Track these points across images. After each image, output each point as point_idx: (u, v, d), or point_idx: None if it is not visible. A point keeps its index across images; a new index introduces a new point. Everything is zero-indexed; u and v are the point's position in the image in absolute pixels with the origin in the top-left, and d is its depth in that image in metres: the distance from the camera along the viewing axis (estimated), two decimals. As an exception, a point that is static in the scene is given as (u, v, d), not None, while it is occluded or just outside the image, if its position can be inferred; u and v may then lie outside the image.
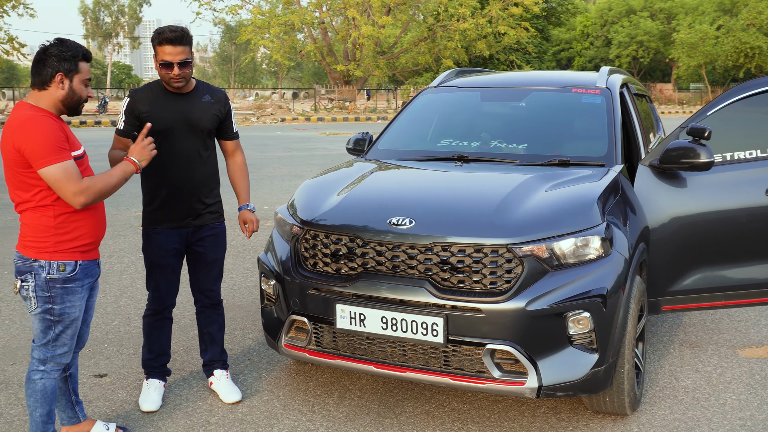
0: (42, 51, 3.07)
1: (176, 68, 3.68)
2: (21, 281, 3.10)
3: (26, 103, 3.08)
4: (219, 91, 3.95)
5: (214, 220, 3.96)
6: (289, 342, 3.78)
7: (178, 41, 3.65)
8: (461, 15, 39.96)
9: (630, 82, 5.34)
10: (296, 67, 77.18)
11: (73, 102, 3.14)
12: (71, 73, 3.10)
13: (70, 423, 3.51)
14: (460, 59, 42.92)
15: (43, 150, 2.93)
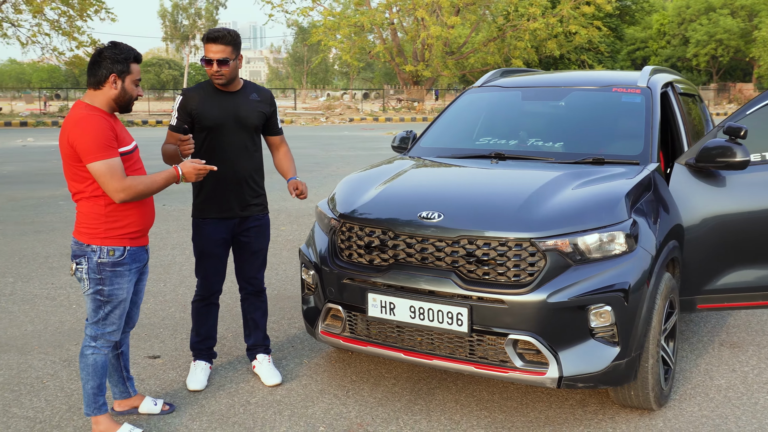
0: (97, 53, 3.35)
1: (215, 65, 3.92)
2: (76, 264, 3.39)
3: (83, 103, 3.37)
4: (265, 90, 4.19)
5: (259, 211, 4.18)
6: (326, 329, 3.97)
7: (220, 40, 3.90)
8: (531, 14, 39.60)
9: (677, 81, 5.34)
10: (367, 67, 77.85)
11: (124, 101, 3.41)
12: (123, 74, 3.37)
13: (122, 397, 3.80)
14: (529, 59, 42.55)
15: (91, 147, 3.20)
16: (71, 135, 3.24)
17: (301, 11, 41.81)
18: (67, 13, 36.21)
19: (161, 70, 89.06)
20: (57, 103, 45.22)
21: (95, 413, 3.49)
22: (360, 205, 3.95)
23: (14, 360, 4.53)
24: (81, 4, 35.87)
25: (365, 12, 40.59)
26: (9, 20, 36.03)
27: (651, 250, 3.60)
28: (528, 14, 39.96)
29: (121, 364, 3.78)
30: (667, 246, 3.82)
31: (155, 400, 3.84)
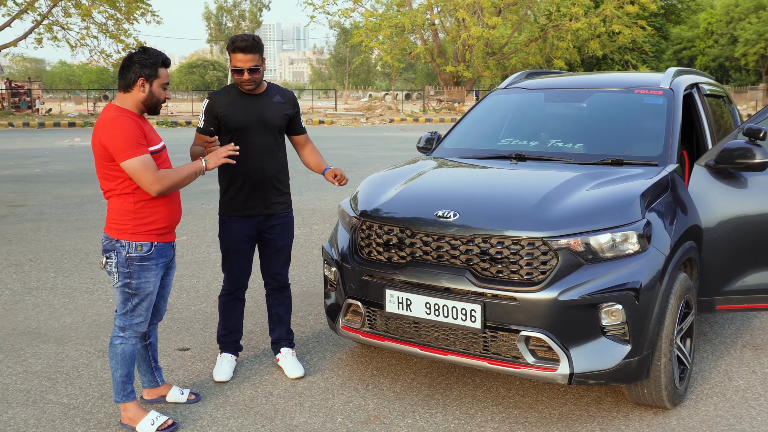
0: (127, 58, 3.52)
1: (246, 74, 4.07)
2: (106, 258, 3.57)
3: (113, 105, 3.54)
4: (288, 92, 4.33)
5: (283, 209, 4.32)
6: (346, 324, 4.10)
7: (248, 50, 4.04)
8: (574, 14, 39.25)
9: (703, 82, 5.33)
10: (409, 68, 77.96)
11: (152, 103, 3.58)
12: (151, 78, 3.53)
13: (150, 386, 3.98)
14: (571, 59, 42.18)
15: (123, 146, 3.37)
16: (103, 136, 3.42)
17: (342, 12, 42.10)
18: (114, 16, 37.06)
19: (205, 71, 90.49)
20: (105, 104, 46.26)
21: (124, 400, 3.67)
22: (380, 204, 4.07)
23: (52, 350, 4.75)
24: (128, 7, 36.68)
25: (406, 13, 40.70)
26: (59, 23, 37.05)
27: (664, 250, 3.64)
28: (570, 14, 39.61)
29: (150, 354, 3.95)
30: (682, 246, 3.85)
31: (182, 390, 4.01)
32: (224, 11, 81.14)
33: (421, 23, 40.77)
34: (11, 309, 5.63)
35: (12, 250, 7.66)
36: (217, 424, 3.72)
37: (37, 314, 5.50)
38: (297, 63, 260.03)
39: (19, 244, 7.92)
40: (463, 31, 39.94)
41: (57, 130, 29.76)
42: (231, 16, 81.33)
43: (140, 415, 3.66)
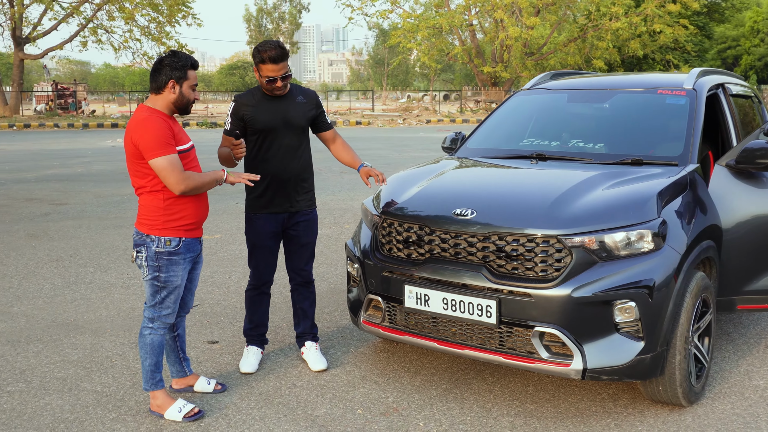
0: (158, 62, 3.68)
1: (279, 81, 4.20)
2: (136, 252, 3.74)
3: (145, 106, 3.71)
4: (310, 91, 4.45)
5: (307, 207, 4.45)
6: (367, 319, 4.21)
7: (279, 59, 4.16)
8: (614, 14, 38.82)
9: (730, 83, 5.32)
10: (447, 69, 77.83)
11: (182, 104, 3.74)
12: (181, 80, 3.69)
13: (179, 376, 4.14)
14: (611, 59, 41.74)
15: (153, 145, 3.53)
16: (134, 135, 3.58)
17: (380, 14, 42.29)
18: (157, 19, 37.87)
19: (246, 72, 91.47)
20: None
21: (152, 388, 3.84)
22: (400, 203, 4.17)
23: (88, 341, 4.95)
24: (170, 10, 37.46)
25: (444, 14, 40.70)
26: (103, 27, 37.96)
27: (680, 249, 3.68)
28: (610, 13, 39.19)
29: (178, 345, 4.11)
30: (699, 245, 3.87)
31: (209, 380, 4.16)
32: (264, 13, 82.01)
33: (458, 24, 40.72)
34: (51, 302, 5.86)
35: (54, 246, 7.94)
36: (241, 413, 3.87)
37: (75, 307, 5.73)
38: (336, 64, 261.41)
39: (60, 241, 8.20)
40: (501, 31, 39.81)
41: (100, 131, 30.45)
42: (271, 18, 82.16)
43: (168, 403, 3.82)
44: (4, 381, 4.28)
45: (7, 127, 31.36)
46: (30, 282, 6.47)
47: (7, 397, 4.07)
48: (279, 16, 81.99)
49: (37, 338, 5.01)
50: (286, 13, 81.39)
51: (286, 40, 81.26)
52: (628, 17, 38.74)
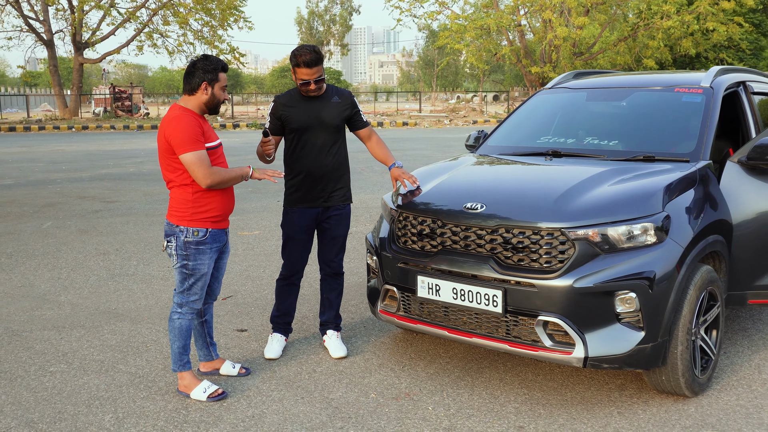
0: (191, 65, 3.95)
1: (312, 84, 4.44)
2: (167, 242, 4.02)
3: (178, 105, 3.98)
4: (345, 91, 4.66)
5: (341, 202, 4.65)
6: (384, 308, 4.41)
7: (313, 63, 4.38)
8: (665, 12, 38.18)
9: (752, 80, 5.35)
10: (497, 69, 77.45)
11: (213, 104, 4.00)
12: (213, 82, 3.95)
13: (206, 359, 4.40)
14: (663, 59, 41.00)
15: (183, 140, 3.80)
16: (167, 131, 3.86)
17: (428, 15, 42.39)
18: (210, 23, 38.75)
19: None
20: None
21: (180, 369, 4.10)
22: (417, 197, 4.36)
23: (126, 327, 5.27)
24: (222, 14, 38.29)
25: (492, 14, 40.61)
26: (158, 31, 39.02)
27: (682, 242, 3.78)
28: (662, 12, 38.55)
29: (205, 331, 4.38)
30: (704, 240, 3.96)
31: (234, 364, 4.41)
32: (316, 16, 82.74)
33: (506, 24, 40.57)
34: (95, 292, 6.22)
35: (102, 240, 8.35)
36: (261, 395, 4.11)
37: (117, 297, 6.07)
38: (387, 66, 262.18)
39: (108, 236, 8.61)
40: (550, 31, 39.52)
41: (154, 132, 31.29)
42: (322, 20, 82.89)
43: (194, 384, 4.08)
44: (47, 362, 4.61)
45: (67, 129, 32.52)
46: (77, 273, 6.86)
47: (49, 376, 4.39)
48: (330, 19, 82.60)
49: (80, 324, 5.35)
50: (337, 15, 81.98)
51: (336, 42, 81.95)
52: (680, 15, 38.04)
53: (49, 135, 29.78)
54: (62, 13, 37.63)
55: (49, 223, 9.44)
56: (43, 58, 40.39)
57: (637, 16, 41.37)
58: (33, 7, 37.30)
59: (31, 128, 32.25)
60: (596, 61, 42.54)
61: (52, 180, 14.12)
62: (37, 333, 5.16)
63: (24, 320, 5.45)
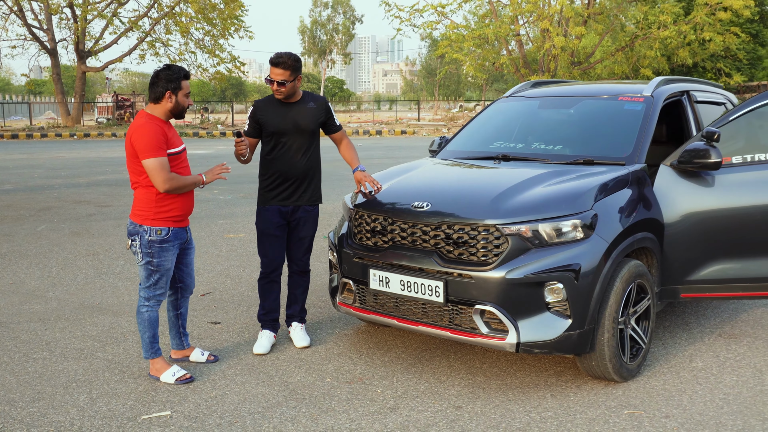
0: (155, 75, 4.30)
1: (275, 85, 4.79)
2: (131, 241, 4.35)
3: (144, 112, 4.33)
4: (320, 98, 5.00)
5: (310, 202, 4.97)
6: (342, 300, 4.75)
7: (281, 65, 4.73)
8: (662, 22, 38.57)
9: (697, 90, 5.69)
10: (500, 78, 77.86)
11: (178, 110, 4.35)
12: (176, 90, 4.30)
13: (178, 348, 4.74)
14: (660, 68, 41.35)
15: (146, 147, 4.14)
16: (133, 137, 4.21)
17: (427, 25, 42.84)
18: (211, 32, 39.23)
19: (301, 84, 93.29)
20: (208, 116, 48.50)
21: (152, 356, 4.45)
22: (373, 198, 4.71)
23: (108, 320, 5.62)
24: (223, 24, 38.78)
25: (489, 24, 41.03)
26: (160, 40, 39.51)
27: (608, 238, 4.12)
28: (658, 22, 38.94)
29: (180, 322, 4.71)
30: (632, 236, 4.30)
31: (203, 351, 4.76)
32: (318, 25, 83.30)
33: (505, 34, 40.99)
34: (82, 288, 6.58)
35: (92, 242, 8.72)
36: (226, 379, 4.45)
37: (102, 293, 6.42)
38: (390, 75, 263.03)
39: (99, 238, 8.98)
40: (548, 41, 39.93)
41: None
42: (325, 29, 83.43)
43: (164, 368, 4.42)
44: (31, 350, 4.96)
45: (69, 137, 32.98)
46: (66, 272, 7.22)
47: (32, 362, 4.74)
48: (333, 28, 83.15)
49: (65, 317, 5.70)
50: (340, 24, 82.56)
51: (339, 51, 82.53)
52: (677, 25, 38.42)
53: (51, 142, 30.25)
54: (66, 22, 38.14)
55: (43, 226, 9.82)
56: (46, 66, 40.96)
57: (635, 25, 41.75)
58: (37, 16, 37.83)
59: (33, 136, 32.73)
60: (594, 70, 42.94)
61: (50, 185, 14.51)
62: (24, 324, 5.51)
63: (12, 313, 5.81)
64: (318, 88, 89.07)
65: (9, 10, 36.57)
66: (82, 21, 36.72)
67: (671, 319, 5.53)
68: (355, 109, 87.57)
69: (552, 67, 41.12)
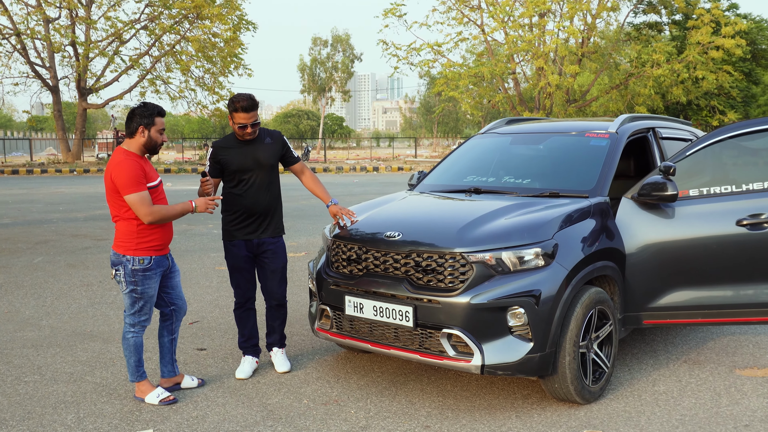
0: (131, 111, 4.57)
1: (249, 128, 5.03)
2: (115, 270, 4.59)
3: (121, 149, 4.58)
4: (275, 132, 5.25)
5: (273, 235, 5.21)
6: (320, 326, 4.98)
7: (249, 109, 4.97)
8: (655, 61, 39.26)
9: (663, 127, 5.99)
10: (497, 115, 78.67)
11: (151, 146, 4.60)
12: (149, 126, 4.55)
13: (169, 376, 4.91)
14: (654, 106, 41.96)
15: (127, 183, 4.39)
16: (113, 174, 4.44)
17: (424, 63, 43.55)
18: (210, 70, 39.90)
19: (300, 120, 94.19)
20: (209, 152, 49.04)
21: (138, 379, 4.67)
22: (349, 228, 4.97)
23: (98, 346, 5.84)
24: (223, 62, 39.48)
25: (486, 63, 41.73)
26: (161, 78, 40.17)
27: (568, 266, 4.36)
28: (652, 61, 39.64)
29: (173, 348, 4.91)
30: (592, 264, 4.54)
31: (192, 377, 4.95)
32: (318, 63, 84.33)
33: (500, 72, 41.67)
34: (75, 317, 6.80)
35: (87, 273, 8.95)
36: (207, 401, 4.67)
37: (93, 321, 6.65)
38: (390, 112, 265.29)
39: (94, 270, 9.22)
40: (543, 79, 40.58)
41: (154, 176, 32.06)
42: (324, 67, 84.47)
43: (149, 390, 4.64)
44: (23, 374, 5.18)
45: (69, 172, 33.38)
46: (61, 302, 7.44)
47: (23, 385, 4.95)
48: (332, 66, 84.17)
49: (57, 344, 5.92)
50: (339, 62, 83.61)
51: (338, 89, 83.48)
52: (670, 64, 39.10)
53: (51, 178, 30.62)
54: (68, 60, 38.81)
55: (40, 258, 10.06)
56: (48, 103, 41.46)
57: (629, 64, 42.45)
58: (40, 54, 38.49)
59: (33, 171, 33.13)
60: (590, 107, 43.54)
61: (48, 219, 14.78)
62: (17, 350, 5.73)
63: (6, 340, 6.03)
64: (317, 125, 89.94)
65: (12, 48, 37.24)
66: (84, 59, 37.37)
67: (639, 346, 5.75)
68: (355, 146, 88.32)
69: (548, 105, 41.69)
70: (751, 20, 45.10)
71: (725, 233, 4.84)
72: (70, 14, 37.55)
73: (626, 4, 42.40)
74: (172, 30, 38.35)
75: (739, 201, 4.87)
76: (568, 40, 40.06)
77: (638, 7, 43.15)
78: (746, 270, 4.87)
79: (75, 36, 37.33)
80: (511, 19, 40.29)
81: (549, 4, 39.16)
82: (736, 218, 4.81)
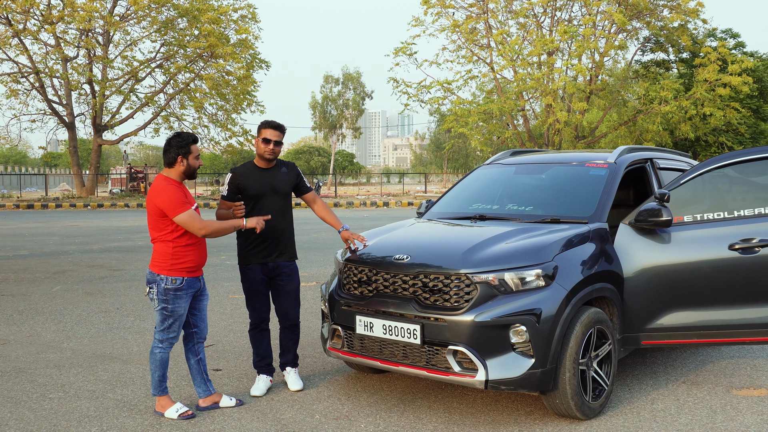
0: (167, 143, 4.89)
1: (272, 144, 5.36)
2: (149, 288, 4.87)
3: (162, 176, 4.89)
4: (290, 163, 5.57)
5: (287, 259, 5.48)
6: (332, 345, 5.22)
7: (278, 128, 5.36)
8: (663, 98, 39.68)
9: (661, 158, 6.26)
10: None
11: (190, 172, 4.93)
12: (187, 155, 4.89)
13: (205, 395, 5.11)
14: (663, 142, 42.28)
15: (174, 205, 4.70)
16: (156, 200, 4.75)
17: (434, 100, 44.15)
18: (224, 107, 40.65)
19: (311, 157, 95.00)
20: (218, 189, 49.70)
21: (160, 394, 4.91)
22: (360, 252, 5.23)
23: (118, 367, 6.09)
24: (236, 99, 40.24)
25: (495, 100, 42.26)
26: (175, 115, 40.93)
27: (567, 286, 4.60)
28: (659, 98, 40.06)
29: (202, 368, 5.14)
30: (590, 286, 4.77)
31: (231, 397, 5.16)
32: (329, 100, 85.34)
33: (509, 109, 42.17)
34: (94, 341, 7.06)
35: (104, 301, 9.23)
36: (224, 416, 4.89)
37: (112, 344, 6.90)
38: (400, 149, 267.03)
39: (111, 297, 9.49)
40: (551, 115, 41.03)
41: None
42: (335, 104, 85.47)
43: (169, 405, 4.87)
44: (48, 391, 5.42)
45: (83, 207, 33.90)
46: (80, 327, 7.71)
47: (48, 401, 5.20)
48: (343, 103, 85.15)
49: (78, 364, 6.17)
50: (350, 100, 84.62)
51: (349, 126, 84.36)
52: (678, 101, 39.49)
53: (66, 212, 31.11)
54: (84, 98, 39.64)
55: (58, 287, 10.35)
56: (63, 139, 42.28)
57: (637, 101, 42.89)
58: (57, 91, 39.35)
59: (48, 206, 33.67)
60: (598, 144, 43.87)
61: (64, 251, 15.12)
62: (41, 370, 5.98)
63: (30, 361, 6.28)
64: (328, 161, 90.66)
65: (31, 86, 38.10)
66: (100, 97, 38.18)
67: (640, 368, 5.94)
68: (365, 182, 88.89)
69: (557, 141, 42.04)
70: (757, 58, 45.56)
71: (718, 257, 5.06)
72: (88, 53, 38.47)
73: (634, 42, 43.01)
74: (186, 69, 39.18)
75: (731, 226, 5.10)
76: (577, 77, 40.57)
77: (646, 46, 43.75)
78: (739, 292, 5.08)
79: (92, 74, 38.18)
80: (520, 57, 40.84)
81: (557, 43, 39.76)
82: (728, 243, 5.04)
